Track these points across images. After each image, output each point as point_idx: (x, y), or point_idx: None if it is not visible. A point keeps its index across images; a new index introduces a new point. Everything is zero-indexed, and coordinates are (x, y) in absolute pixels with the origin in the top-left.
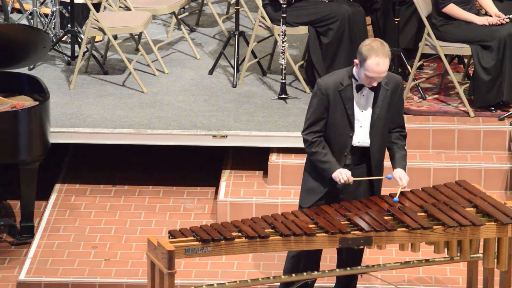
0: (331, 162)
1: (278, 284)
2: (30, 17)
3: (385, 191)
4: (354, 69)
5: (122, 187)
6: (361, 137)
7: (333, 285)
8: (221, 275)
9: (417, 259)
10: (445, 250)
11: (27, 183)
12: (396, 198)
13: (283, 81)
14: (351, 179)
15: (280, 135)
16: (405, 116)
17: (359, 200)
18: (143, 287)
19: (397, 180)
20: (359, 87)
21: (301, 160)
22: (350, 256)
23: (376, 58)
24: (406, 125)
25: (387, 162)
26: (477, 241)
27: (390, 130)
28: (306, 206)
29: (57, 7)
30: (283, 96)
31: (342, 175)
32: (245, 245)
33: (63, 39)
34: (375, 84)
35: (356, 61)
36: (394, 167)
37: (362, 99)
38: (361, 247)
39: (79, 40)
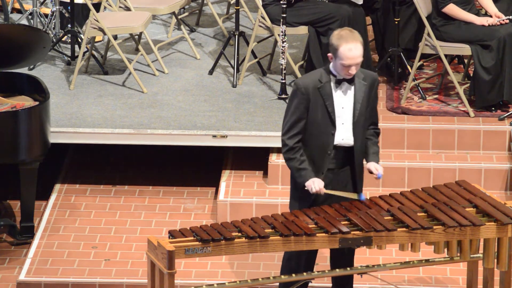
0: (307, 170)
1: (278, 284)
2: (30, 17)
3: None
4: (331, 65)
5: (122, 187)
6: (345, 134)
7: (330, 285)
8: (221, 275)
9: (417, 259)
10: (445, 250)
11: (27, 183)
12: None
13: (283, 81)
14: (323, 190)
15: (280, 135)
16: (405, 116)
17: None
18: (143, 287)
19: (372, 170)
20: (338, 82)
21: None
22: (341, 259)
23: (347, 45)
24: (406, 125)
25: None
26: (477, 241)
27: (366, 127)
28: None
29: (57, 7)
30: (283, 96)
31: (315, 184)
32: (245, 245)
33: (63, 39)
34: (353, 72)
35: (330, 54)
36: (367, 161)
37: (342, 95)
38: (356, 247)
39: (79, 40)
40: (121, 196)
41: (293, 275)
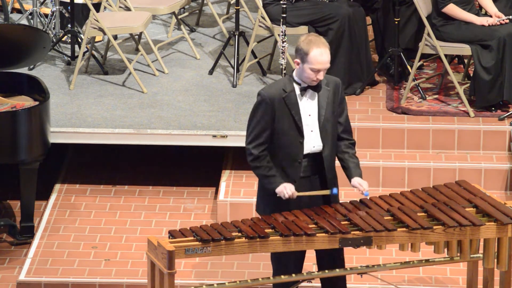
0: (276, 177)
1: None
2: (30, 17)
3: (370, 190)
4: (294, 73)
5: (122, 187)
6: (314, 141)
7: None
8: (221, 275)
9: (417, 259)
10: (445, 250)
11: (27, 183)
12: (366, 193)
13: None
14: (295, 194)
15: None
16: (405, 116)
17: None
18: (143, 287)
19: (358, 187)
20: (303, 91)
21: None
22: (330, 259)
23: (318, 49)
24: (406, 125)
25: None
26: (477, 241)
27: (339, 137)
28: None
29: (57, 7)
30: None
31: (287, 189)
32: (245, 245)
33: (63, 39)
34: (320, 77)
35: (296, 60)
36: (350, 177)
37: (307, 103)
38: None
39: (79, 40)
40: (121, 196)
41: (293, 275)
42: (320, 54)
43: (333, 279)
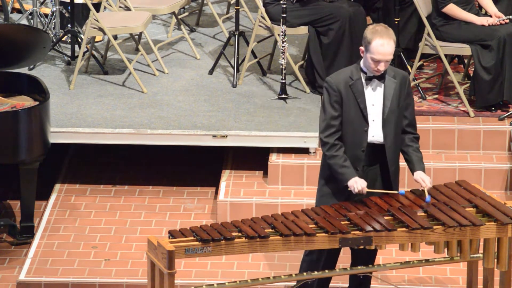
0: (350, 168)
1: (278, 284)
2: (30, 17)
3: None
4: (361, 62)
5: (122, 187)
6: (375, 131)
7: (347, 285)
8: (221, 275)
9: (417, 259)
10: (445, 250)
11: (27, 183)
12: (428, 198)
13: (283, 81)
14: (365, 189)
15: (280, 135)
16: None
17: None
18: (143, 287)
19: (419, 182)
20: (369, 79)
21: (301, 160)
22: (364, 254)
23: (380, 40)
24: None
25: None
26: (477, 241)
27: (404, 131)
28: None
29: (57, 7)
30: (283, 96)
31: (358, 184)
32: (245, 245)
33: (63, 39)
34: (382, 69)
35: (361, 48)
36: (413, 170)
37: (372, 92)
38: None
39: (79, 40)
40: (121, 196)
41: (293, 274)
42: (381, 44)
43: (361, 279)
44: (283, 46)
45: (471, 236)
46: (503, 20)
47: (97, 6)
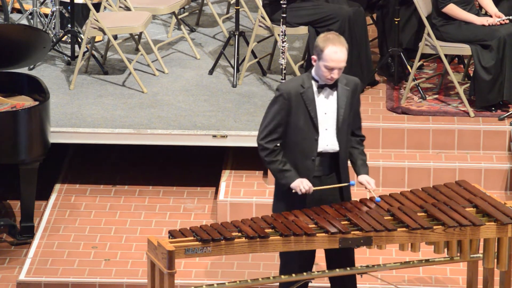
0: (291, 171)
1: (278, 284)
2: (30, 17)
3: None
4: (313, 70)
5: (122, 187)
6: (329, 140)
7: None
8: (221, 275)
9: (417, 259)
10: (445, 250)
11: (27, 183)
12: (378, 198)
13: (283, 81)
14: (312, 188)
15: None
16: (405, 116)
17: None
18: (143, 287)
19: (365, 184)
20: (320, 88)
21: None
22: (340, 256)
23: (333, 47)
24: (406, 125)
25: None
26: (477, 241)
27: (351, 132)
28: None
29: (57, 7)
30: None
31: (303, 184)
32: (245, 245)
33: (63, 39)
34: (335, 76)
35: (314, 57)
36: (358, 173)
37: (323, 101)
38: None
39: (79, 40)
40: (121, 196)
41: (293, 275)
42: (334, 52)
43: (343, 279)
44: (283, 46)
45: (471, 236)
46: (503, 20)
47: (97, 6)
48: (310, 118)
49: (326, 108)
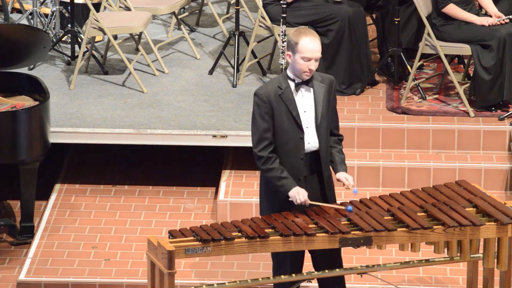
0: (289, 179)
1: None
2: (30, 17)
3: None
4: (288, 70)
5: (122, 187)
6: (310, 138)
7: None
8: (221, 275)
9: (417, 259)
10: (445, 250)
11: (27, 183)
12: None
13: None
14: (308, 202)
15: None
16: (405, 116)
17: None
18: (143, 287)
19: (343, 181)
20: (298, 86)
21: None
22: (325, 257)
23: (306, 37)
24: (406, 125)
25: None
26: (477, 241)
27: (330, 132)
28: None
29: (57, 7)
30: None
31: (300, 195)
32: (245, 245)
33: (63, 39)
34: (313, 68)
35: (288, 53)
36: (336, 171)
37: (302, 100)
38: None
39: (79, 40)
40: (121, 196)
41: (293, 275)
42: (309, 41)
43: (330, 281)
44: (283, 46)
45: (471, 236)
46: (503, 20)
47: (97, 6)
48: (292, 117)
49: (305, 106)
